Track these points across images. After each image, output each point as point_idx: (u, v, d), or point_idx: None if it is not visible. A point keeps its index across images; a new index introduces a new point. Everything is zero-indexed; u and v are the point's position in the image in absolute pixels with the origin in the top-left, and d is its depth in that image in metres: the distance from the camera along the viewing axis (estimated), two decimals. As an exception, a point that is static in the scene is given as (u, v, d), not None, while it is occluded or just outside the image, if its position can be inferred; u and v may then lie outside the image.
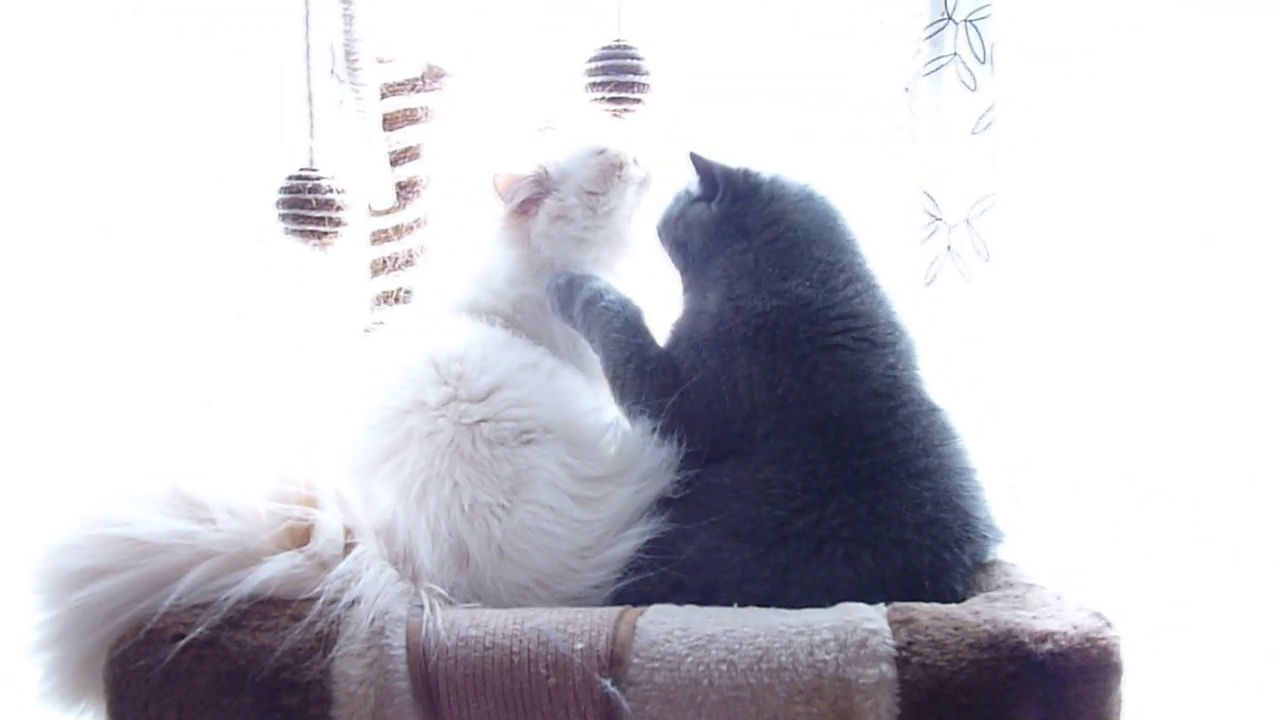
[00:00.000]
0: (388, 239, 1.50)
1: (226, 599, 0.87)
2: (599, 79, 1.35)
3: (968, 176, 1.38)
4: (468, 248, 1.35)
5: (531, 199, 1.29)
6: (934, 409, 1.09)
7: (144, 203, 1.46)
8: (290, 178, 1.26)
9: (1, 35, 1.48)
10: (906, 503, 1.02)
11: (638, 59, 1.35)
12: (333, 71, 1.42)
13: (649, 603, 0.98)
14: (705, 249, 1.18)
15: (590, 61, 1.37)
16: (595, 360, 1.20)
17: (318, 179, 1.26)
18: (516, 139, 1.56)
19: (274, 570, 0.90)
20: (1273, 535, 1.41)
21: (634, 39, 1.36)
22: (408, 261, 1.50)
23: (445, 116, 1.50)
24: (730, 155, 1.22)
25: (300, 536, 0.92)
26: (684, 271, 1.22)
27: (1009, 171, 1.37)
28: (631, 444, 1.09)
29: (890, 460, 1.03)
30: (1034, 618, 0.90)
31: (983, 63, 1.36)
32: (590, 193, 1.26)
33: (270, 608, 0.90)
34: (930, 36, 1.39)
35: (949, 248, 1.40)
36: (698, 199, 1.20)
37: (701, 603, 0.98)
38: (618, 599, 1.01)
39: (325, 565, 0.92)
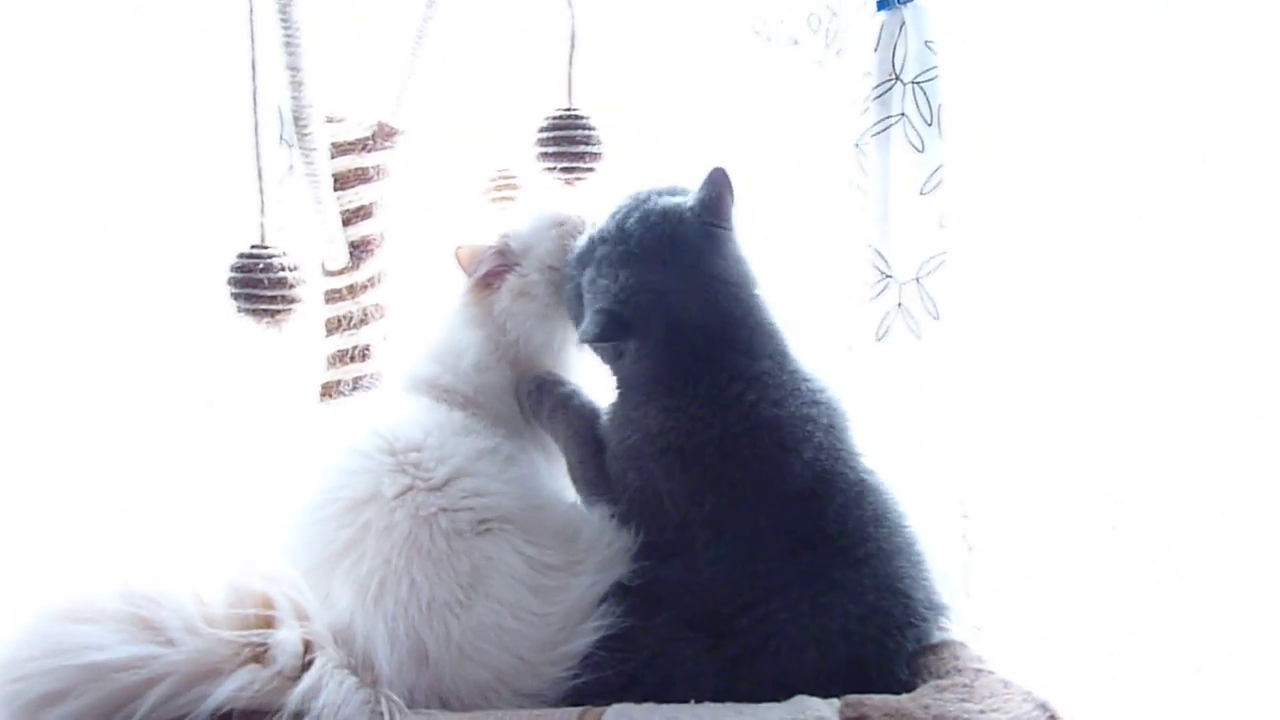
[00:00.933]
0: (342, 298, 1.49)
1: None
2: (550, 149, 1.35)
3: (917, 236, 1.40)
4: (427, 320, 1.33)
5: (494, 272, 1.26)
6: (864, 489, 1.09)
7: (144, 203, 1.44)
8: (242, 256, 1.25)
9: (2, 35, 1.45)
10: (848, 593, 1.04)
11: (589, 128, 1.35)
12: (282, 137, 1.41)
13: (607, 697, 1.01)
14: (601, 360, 1.18)
15: (541, 131, 1.36)
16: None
17: (269, 258, 1.25)
18: (473, 193, 1.57)
19: (235, 687, 0.90)
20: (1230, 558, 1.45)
21: (584, 106, 1.35)
22: (362, 320, 1.50)
23: (398, 174, 1.50)
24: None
25: (260, 654, 0.93)
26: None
27: (957, 231, 1.39)
28: (589, 532, 1.10)
29: (828, 553, 1.05)
30: (980, 712, 0.93)
31: (930, 124, 1.38)
32: (552, 267, 1.23)
33: (230, 721, 0.91)
34: (879, 96, 1.41)
35: (900, 304, 1.42)
36: (575, 312, 1.15)
37: (657, 697, 1.01)
38: (576, 694, 1.02)
39: (287, 679, 0.92)
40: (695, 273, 1.11)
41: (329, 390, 1.48)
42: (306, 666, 0.94)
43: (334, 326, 1.50)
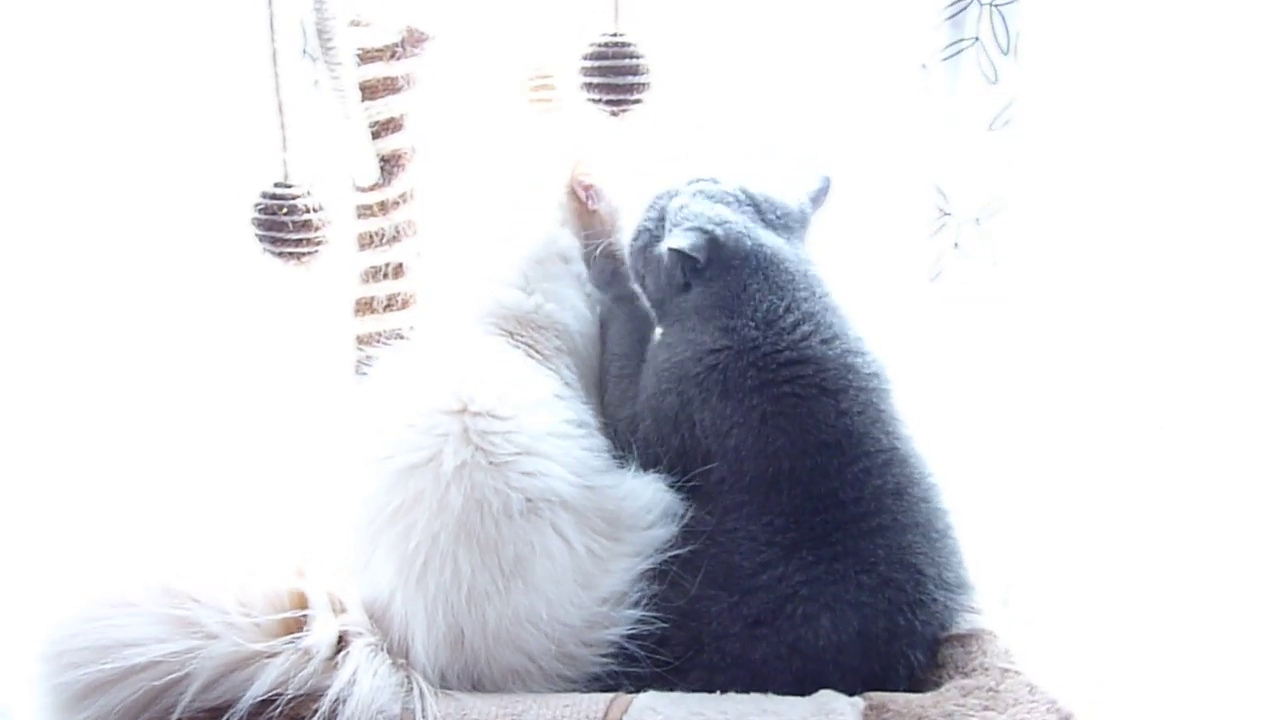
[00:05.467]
0: (373, 214, 1.44)
1: (232, 708, 0.91)
2: (595, 79, 1.25)
3: (981, 174, 1.31)
4: (514, 234, 1.26)
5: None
6: (890, 460, 1.07)
7: (139, 201, 1.39)
8: (265, 195, 1.19)
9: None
10: (860, 562, 1.03)
11: (636, 57, 1.24)
12: (305, 51, 1.32)
13: (637, 666, 1.03)
14: (658, 289, 1.18)
15: (585, 59, 1.26)
16: None
17: (293, 198, 1.19)
18: (510, 99, 1.48)
19: (274, 674, 0.92)
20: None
21: (631, 31, 1.24)
22: (394, 238, 1.45)
23: (429, 83, 1.41)
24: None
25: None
26: (649, 299, 1.22)
27: (1025, 173, 1.29)
28: (630, 510, 1.09)
29: (842, 519, 1.04)
30: (1003, 724, 0.94)
31: (1005, 53, 1.26)
32: None
33: (269, 709, 0.93)
34: (952, 16, 1.28)
35: (956, 245, 1.35)
36: (652, 237, 1.17)
37: (687, 659, 1.03)
38: (609, 671, 1.04)
39: (327, 665, 0.95)
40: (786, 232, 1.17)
41: (363, 307, 1.45)
42: (342, 651, 0.96)
43: (366, 242, 1.45)
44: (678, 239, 1.10)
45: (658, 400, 1.12)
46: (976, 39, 1.27)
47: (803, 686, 1.01)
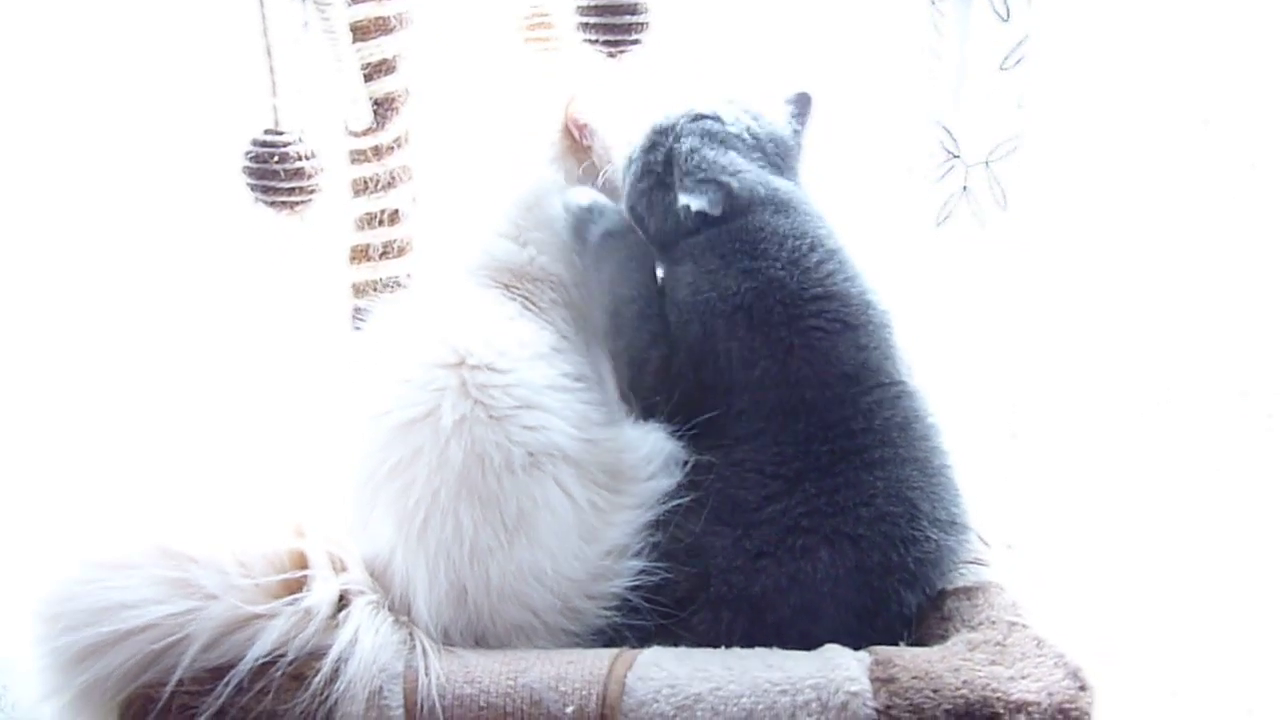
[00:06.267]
0: (366, 160, 1.40)
1: (233, 669, 0.90)
2: (591, 19, 1.21)
3: (991, 115, 1.27)
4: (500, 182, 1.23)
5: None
6: (900, 393, 1.09)
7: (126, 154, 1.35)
8: (255, 143, 1.17)
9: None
10: (859, 494, 1.04)
11: (634, -8, 1.20)
12: (293, -10, 1.28)
13: (643, 616, 1.03)
14: (662, 233, 1.16)
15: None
16: None
17: (284, 146, 1.16)
18: (506, 39, 1.44)
19: (275, 634, 0.92)
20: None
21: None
22: (389, 183, 1.42)
23: (422, 23, 1.37)
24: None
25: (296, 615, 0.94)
26: (650, 239, 1.19)
27: (1037, 114, 1.25)
28: (630, 461, 1.08)
29: (847, 449, 1.05)
30: (1011, 679, 0.93)
31: (1019, -11, 1.22)
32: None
33: (271, 669, 0.92)
34: (962, -52, 1.23)
35: (965, 188, 1.32)
36: (658, 180, 1.15)
37: (693, 598, 1.03)
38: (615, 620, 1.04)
39: (325, 625, 0.94)
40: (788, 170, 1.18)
41: (358, 254, 1.43)
42: (343, 610, 0.96)
43: (360, 188, 1.42)
44: (695, 197, 1.10)
45: (679, 331, 1.12)
46: (988, -27, 1.23)
47: (800, 619, 1.02)
